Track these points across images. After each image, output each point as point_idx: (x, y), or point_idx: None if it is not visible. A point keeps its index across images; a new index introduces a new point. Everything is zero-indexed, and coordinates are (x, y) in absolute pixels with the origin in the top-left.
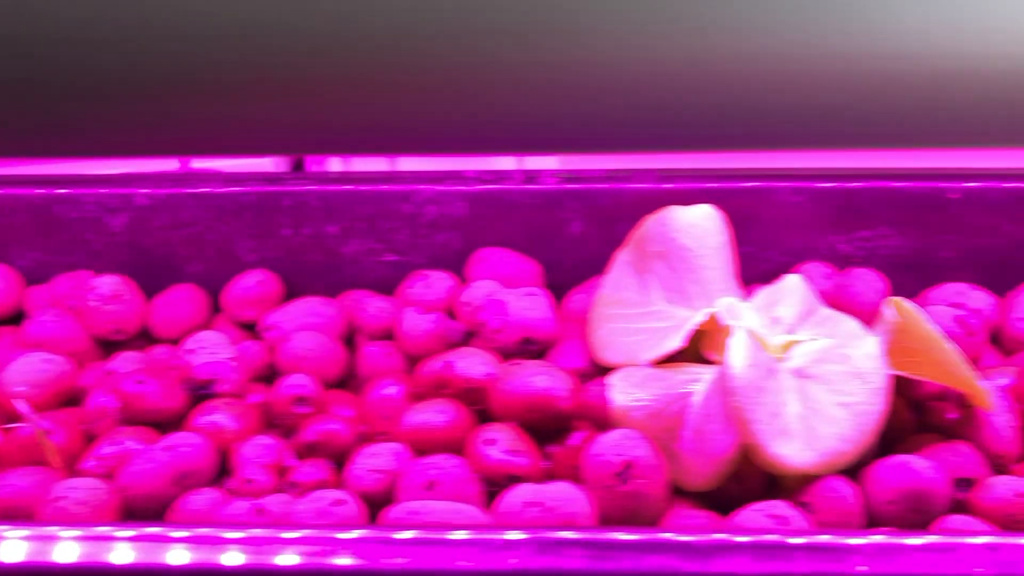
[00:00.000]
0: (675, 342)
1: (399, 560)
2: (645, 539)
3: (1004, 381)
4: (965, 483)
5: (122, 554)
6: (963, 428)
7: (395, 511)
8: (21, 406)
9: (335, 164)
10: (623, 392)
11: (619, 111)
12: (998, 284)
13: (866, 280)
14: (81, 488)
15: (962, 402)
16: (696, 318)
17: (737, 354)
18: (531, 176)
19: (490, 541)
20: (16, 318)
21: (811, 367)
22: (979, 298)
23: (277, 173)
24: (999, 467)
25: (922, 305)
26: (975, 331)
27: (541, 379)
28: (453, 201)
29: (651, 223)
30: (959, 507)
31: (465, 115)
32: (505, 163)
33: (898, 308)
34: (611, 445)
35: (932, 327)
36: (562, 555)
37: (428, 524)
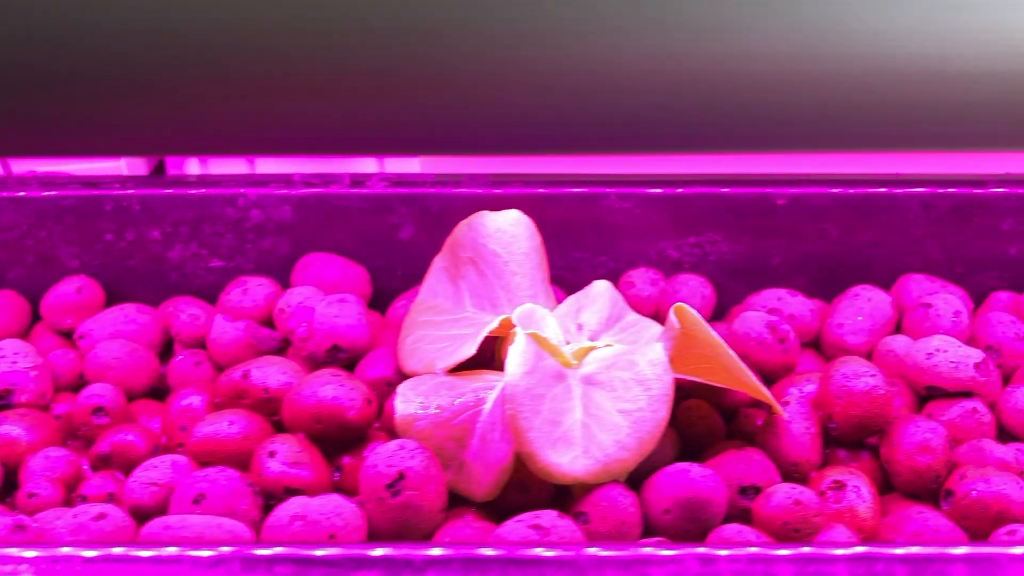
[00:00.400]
0: (470, 349)
1: None
2: (350, 554)
3: (811, 388)
4: (752, 491)
5: None
6: (764, 436)
7: (151, 525)
8: None
9: (194, 166)
10: (407, 401)
11: (465, 113)
12: (827, 289)
13: (691, 286)
14: None
15: (768, 409)
16: (490, 325)
17: (514, 361)
18: (359, 180)
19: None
20: None
21: (599, 374)
22: (796, 304)
23: (97, 176)
24: (797, 475)
25: (741, 310)
26: (786, 337)
27: (329, 388)
28: (278, 205)
29: (463, 228)
30: (744, 516)
31: (326, 116)
32: (368, 165)
33: (680, 314)
34: (385, 456)
35: (713, 334)
36: (270, 572)
37: (180, 540)
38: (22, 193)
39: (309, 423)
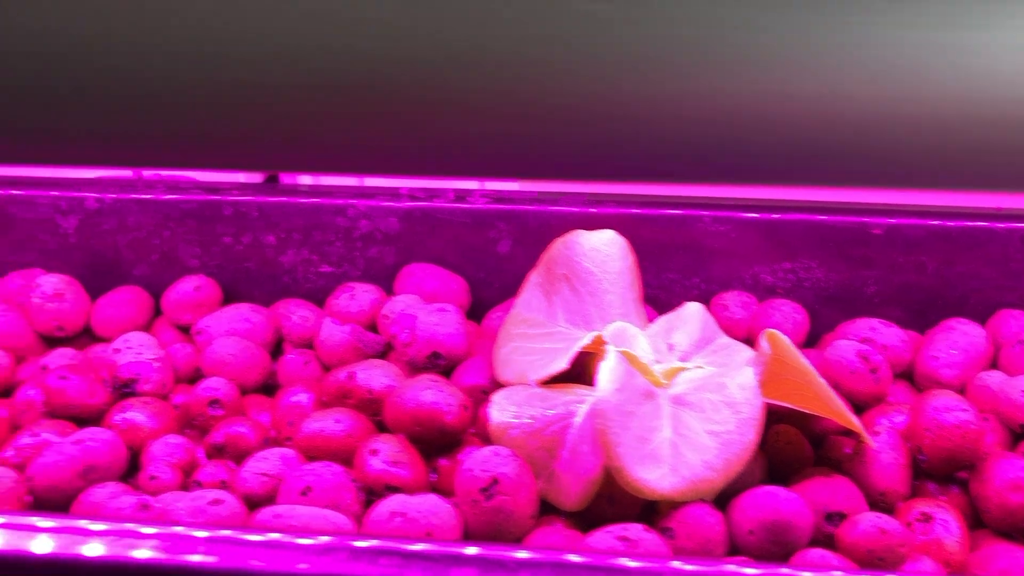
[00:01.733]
0: (562, 363)
1: (197, 557)
2: (446, 551)
3: (902, 419)
4: (837, 517)
5: None
6: (852, 464)
7: (262, 512)
8: None
9: (305, 176)
10: (502, 410)
11: (552, 139)
12: (921, 321)
13: (784, 311)
14: None
15: (858, 438)
16: (583, 340)
17: (605, 377)
18: (462, 195)
19: (286, 543)
20: None
21: (689, 394)
22: (890, 334)
23: (218, 183)
24: (884, 505)
25: (834, 339)
26: (878, 367)
27: (428, 393)
28: (386, 216)
29: (558, 246)
30: (828, 542)
31: (429, 140)
32: (470, 187)
33: (771, 340)
34: (480, 461)
35: (804, 361)
36: (375, 563)
37: (288, 528)
38: (149, 196)
39: (409, 425)
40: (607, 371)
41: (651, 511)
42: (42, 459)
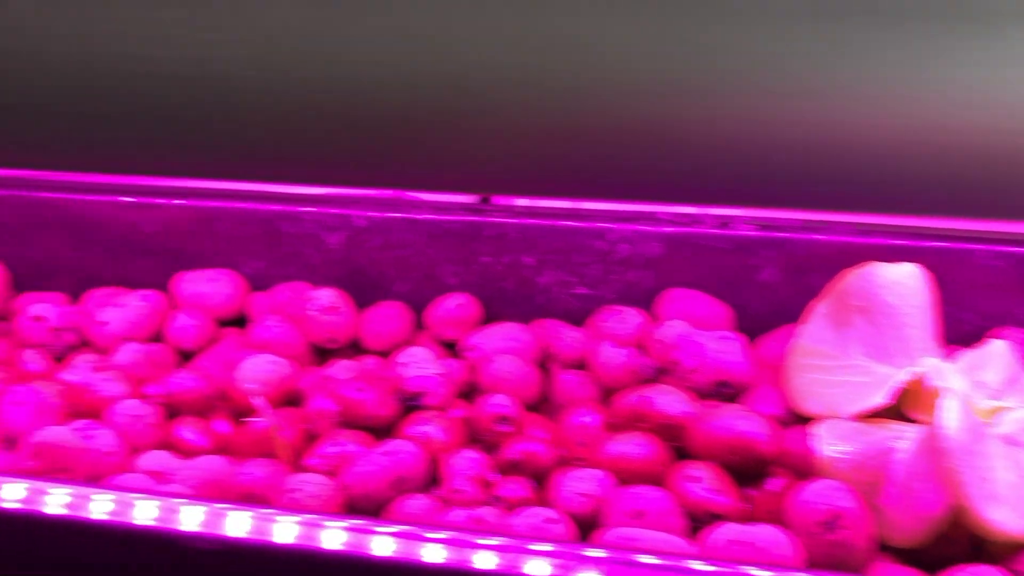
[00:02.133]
0: (880, 398)
1: None
2: None
3: None
4: None
5: (383, 546)
6: None
7: (611, 535)
8: (259, 403)
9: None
10: (829, 443)
11: (816, 169)
12: None
13: None
14: (312, 483)
15: None
16: (901, 376)
17: (950, 416)
18: (725, 222)
19: (733, 573)
20: (238, 321)
21: (1020, 435)
22: None
23: (480, 205)
24: None
25: None
26: None
27: (743, 422)
28: (646, 241)
29: (854, 277)
30: None
31: (644, 166)
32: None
33: None
34: (819, 494)
35: None
36: None
37: (652, 551)
38: (414, 215)
39: (722, 453)
40: (952, 410)
41: (978, 553)
42: (357, 468)
